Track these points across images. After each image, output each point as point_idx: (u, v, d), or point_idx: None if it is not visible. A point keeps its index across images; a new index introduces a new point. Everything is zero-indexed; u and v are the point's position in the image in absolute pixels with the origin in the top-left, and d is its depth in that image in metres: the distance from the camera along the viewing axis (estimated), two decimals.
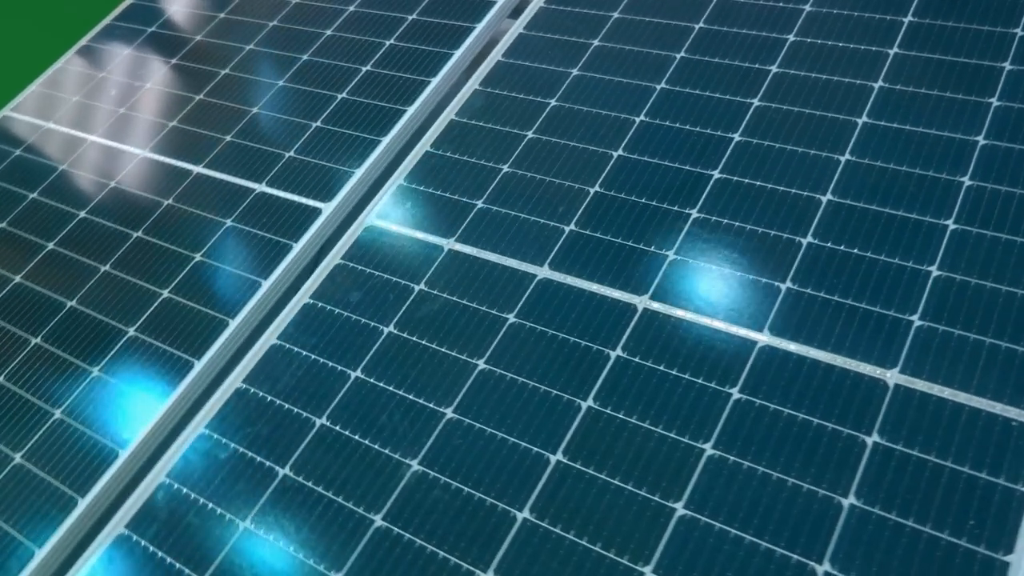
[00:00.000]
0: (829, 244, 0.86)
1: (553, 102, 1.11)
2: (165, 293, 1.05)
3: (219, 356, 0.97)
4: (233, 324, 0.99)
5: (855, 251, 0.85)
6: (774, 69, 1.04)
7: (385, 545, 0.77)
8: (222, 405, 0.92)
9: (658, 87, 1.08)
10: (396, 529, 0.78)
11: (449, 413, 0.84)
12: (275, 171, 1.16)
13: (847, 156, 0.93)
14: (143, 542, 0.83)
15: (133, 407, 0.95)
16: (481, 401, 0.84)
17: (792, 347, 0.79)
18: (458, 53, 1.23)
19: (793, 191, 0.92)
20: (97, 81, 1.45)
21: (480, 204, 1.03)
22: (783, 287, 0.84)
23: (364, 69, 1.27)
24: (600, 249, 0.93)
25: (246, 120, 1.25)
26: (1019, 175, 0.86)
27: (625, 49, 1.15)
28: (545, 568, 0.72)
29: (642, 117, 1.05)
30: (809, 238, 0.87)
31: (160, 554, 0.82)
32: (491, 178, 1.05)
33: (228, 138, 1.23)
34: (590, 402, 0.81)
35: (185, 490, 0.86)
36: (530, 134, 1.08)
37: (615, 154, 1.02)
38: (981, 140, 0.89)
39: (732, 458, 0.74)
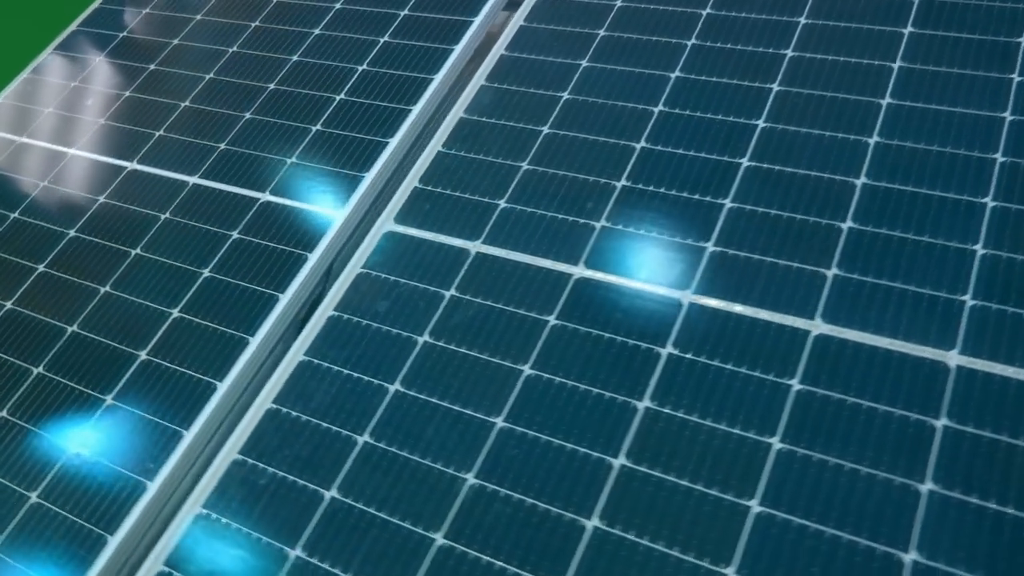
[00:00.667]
0: (870, 228, 0.86)
1: (566, 95, 1.09)
2: (175, 312, 1.00)
3: (243, 377, 0.93)
4: (254, 342, 0.94)
5: (897, 233, 0.85)
6: (789, 53, 1.04)
7: (450, 564, 0.74)
8: (254, 428, 0.87)
9: (673, 76, 1.07)
10: (459, 547, 0.75)
11: (500, 422, 0.81)
12: (277, 179, 1.11)
13: (875, 138, 0.93)
14: None
15: (155, 436, 0.90)
16: (532, 408, 0.81)
17: (848, 334, 0.79)
18: (459, 48, 1.20)
19: (826, 176, 0.91)
20: (70, 91, 1.37)
21: (503, 204, 1.00)
22: (829, 274, 0.84)
23: (360, 68, 1.22)
24: (635, 244, 0.91)
25: (239, 127, 1.19)
26: None
27: (633, 38, 1.13)
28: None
29: (661, 107, 1.04)
30: (849, 222, 0.87)
31: None
32: (511, 176, 1.02)
33: (222, 146, 1.18)
34: (647, 402, 0.79)
35: (224, 520, 0.82)
36: (546, 129, 1.06)
37: (637, 146, 1.00)
38: (1008, 116, 0.90)
39: (801, 451, 0.73)
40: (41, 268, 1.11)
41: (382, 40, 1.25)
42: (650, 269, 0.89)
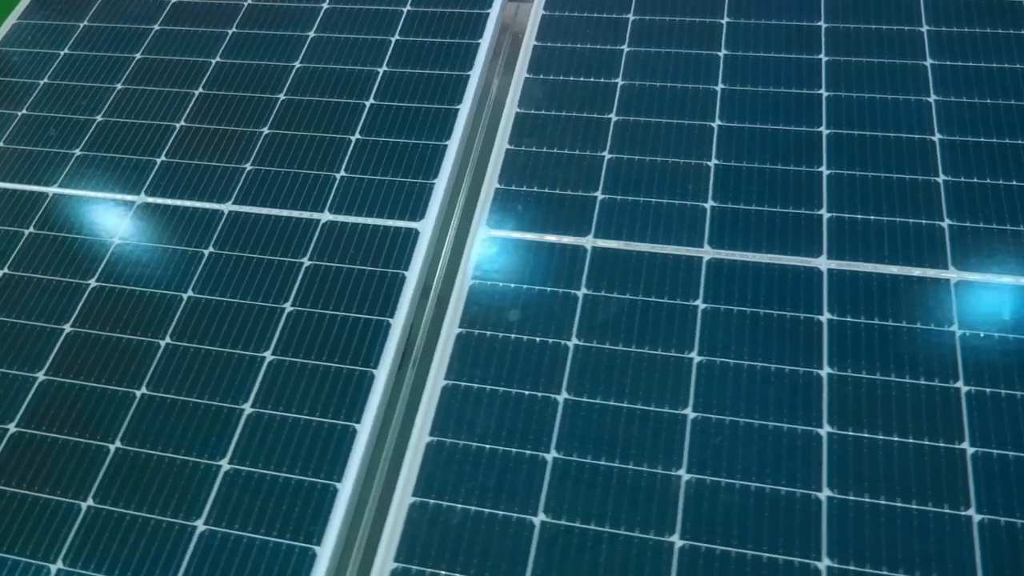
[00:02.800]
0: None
1: (620, 81, 1.08)
2: (269, 356, 0.89)
3: (380, 414, 0.84)
4: (381, 375, 0.86)
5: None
6: (823, 24, 1.09)
7: (699, 563, 0.72)
8: (420, 465, 0.80)
9: (721, 54, 1.09)
10: (702, 545, 0.73)
11: (691, 413, 0.80)
12: (333, 196, 1.01)
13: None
14: None
15: (304, 498, 0.79)
16: (718, 393, 0.81)
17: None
18: (485, 41, 1.15)
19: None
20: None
21: (600, 195, 0.97)
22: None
23: (380, 70, 1.14)
24: (751, 219, 0.93)
25: (261, 143, 1.07)
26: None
27: (666, 20, 1.13)
28: (873, 539, 0.71)
29: (722, 85, 1.05)
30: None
31: None
32: (596, 167, 1.00)
33: (247, 166, 1.06)
34: (828, 369, 0.81)
35: (428, 571, 0.74)
36: (614, 117, 1.04)
37: (714, 125, 1.02)
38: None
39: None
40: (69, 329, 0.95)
41: (393, 39, 1.17)
42: (779, 241, 0.90)
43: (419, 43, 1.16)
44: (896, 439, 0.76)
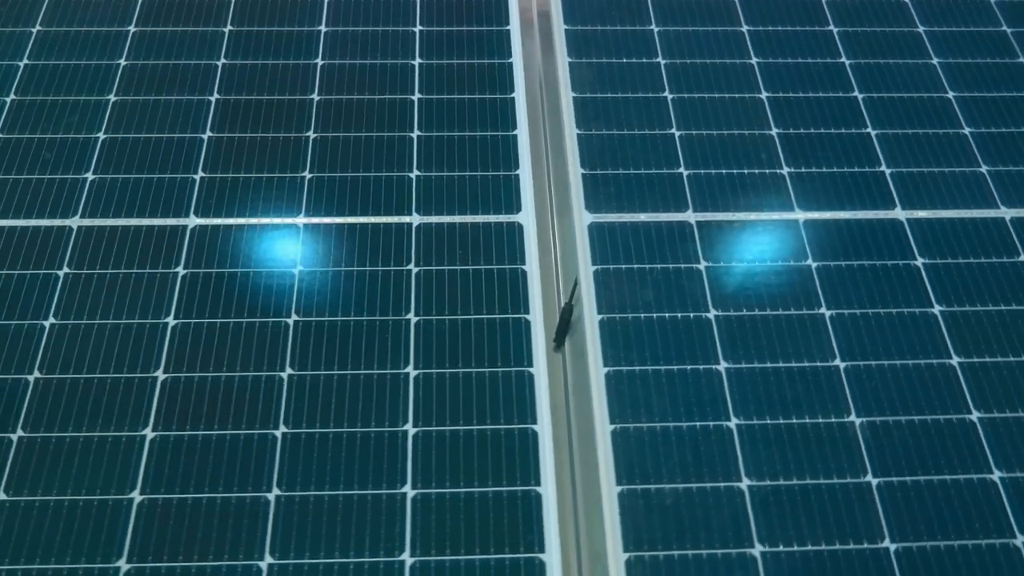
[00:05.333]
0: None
1: (663, 60, 1.11)
2: (410, 371, 0.83)
3: (551, 413, 0.82)
4: (540, 372, 0.83)
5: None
6: None
7: None
8: (613, 453, 0.79)
9: (744, 30, 1.15)
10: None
11: (840, 364, 0.86)
12: (417, 196, 0.96)
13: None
14: None
15: (514, 508, 0.75)
16: (868, 342, 0.87)
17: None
18: (515, 27, 1.13)
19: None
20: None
21: (684, 171, 1.00)
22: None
23: (415, 63, 1.08)
24: (829, 181, 1.00)
25: (311, 147, 0.99)
26: None
27: None
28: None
29: (755, 59, 1.11)
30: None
31: None
32: (670, 144, 1.02)
33: (307, 175, 0.97)
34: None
35: (662, 554, 0.74)
36: (669, 95, 1.07)
37: (763, 96, 1.08)
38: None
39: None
40: None
41: (416, 30, 1.12)
42: (859, 198, 0.98)
43: (446, 33, 1.12)
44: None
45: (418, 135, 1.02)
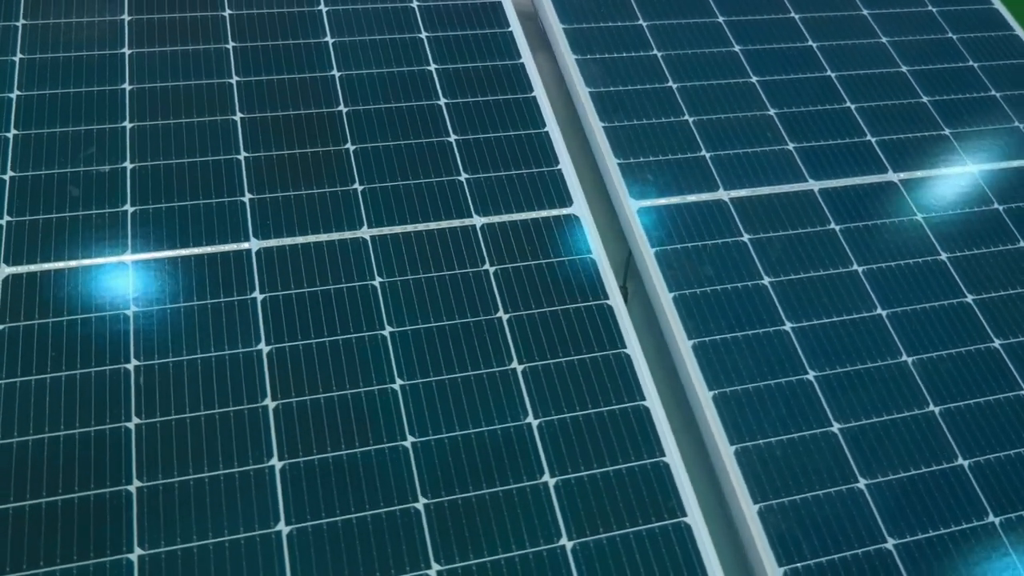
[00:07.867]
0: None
1: (659, 53, 1.18)
2: (516, 366, 0.85)
3: (659, 394, 0.87)
4: (635, 353, 0.88)
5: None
6: None
7: None
8: (719, 417, 0.85)
9: (721, 20, 1.24)
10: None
11: (883, 312, 0.96)
12: (473, 199, 0.97)
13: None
14: None
15: (648, 481, 0.80)
16: (893, 295, 0.98)
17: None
18: (516, 28, 1.16)
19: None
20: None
21: (708, 154, 1.08)
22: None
23: (431, 68, 1.09)
24: (832, 153, 1.11)
25: (354, 159, 0.97)
26: None
27: None
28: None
29: (738, 47, 1.21)
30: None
31: None
32: (688, 130, 1.10)
33: (357, 187, 0.96)
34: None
35: (787, 500, 0.81)
36: (673, 84, 1.14)
37: (754, 80, 1.17)
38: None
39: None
40: None
41: (421, 36, 1.13)
42: (863, 167, 1.09)
43: (452, 38, 1.14)
44: None
45: (456, 139, 1.03)
